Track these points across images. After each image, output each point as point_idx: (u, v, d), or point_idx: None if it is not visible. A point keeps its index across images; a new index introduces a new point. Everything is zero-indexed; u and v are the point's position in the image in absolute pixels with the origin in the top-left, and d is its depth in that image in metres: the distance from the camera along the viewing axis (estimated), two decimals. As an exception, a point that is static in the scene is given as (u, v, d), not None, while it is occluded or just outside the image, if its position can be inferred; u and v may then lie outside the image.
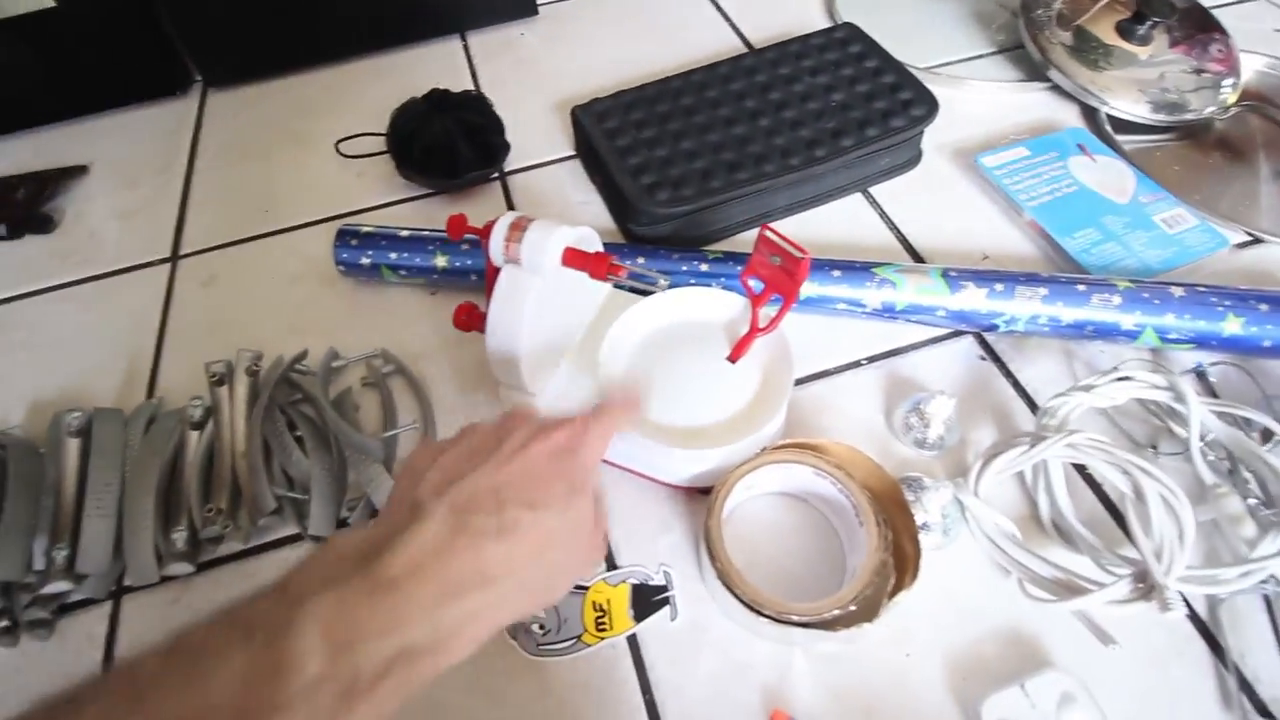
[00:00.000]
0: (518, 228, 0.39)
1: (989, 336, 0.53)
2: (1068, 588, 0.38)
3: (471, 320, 0.44)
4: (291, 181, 0.69)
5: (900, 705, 0.38)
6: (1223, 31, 0.69)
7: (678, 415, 0.42)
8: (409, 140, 0.62)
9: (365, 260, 0.56)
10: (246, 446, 0.47)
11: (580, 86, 0.71)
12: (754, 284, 0.45)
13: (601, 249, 0.45)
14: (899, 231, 0.60)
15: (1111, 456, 0.40)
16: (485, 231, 0.40)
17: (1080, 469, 0.46)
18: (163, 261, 0.63)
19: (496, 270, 0.41)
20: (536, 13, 0.84)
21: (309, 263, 0.61)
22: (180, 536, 0.44)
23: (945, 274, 0.50)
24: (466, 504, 0.28)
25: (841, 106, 0.61)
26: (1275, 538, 0.37)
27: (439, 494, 0.28)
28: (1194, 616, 0.40)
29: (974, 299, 0.49)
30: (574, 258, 0.39)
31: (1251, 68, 0.69)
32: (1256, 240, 0.57)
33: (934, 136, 0.65)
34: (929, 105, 0.60)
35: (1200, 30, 0.70)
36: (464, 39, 0.83)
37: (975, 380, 0.51)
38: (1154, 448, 0.46)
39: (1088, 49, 0.68)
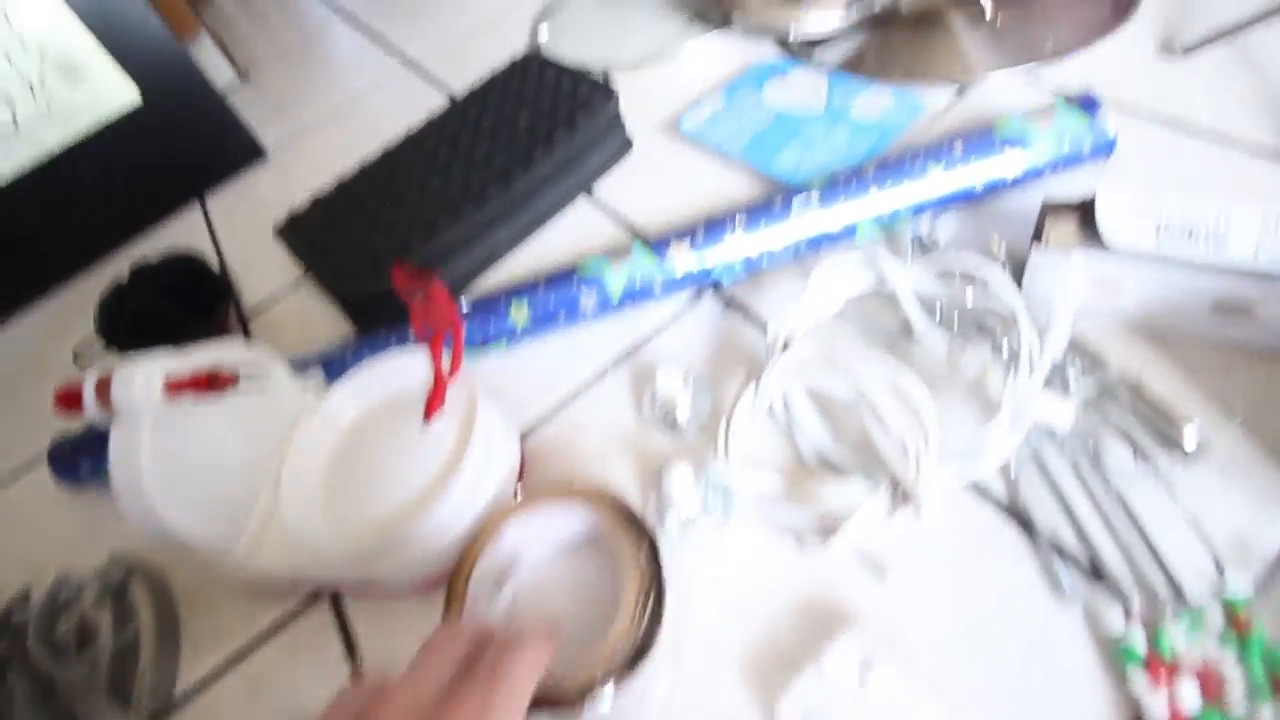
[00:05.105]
0: (106, 380, 0.35)
1: (727, 288, 0.49)
2: (832, 528, 0.33)
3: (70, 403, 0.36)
4: (26, 417, 0.64)
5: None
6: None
7: (372, 508, 0.37)
8: (115, 324, 0.59)
9: (85, 468, 0.51)
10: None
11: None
12: (429, 330, 0.41)
13: (257, 359, 0.41)
14: (624, 220, 0.57)
15: (827, 362, 0.36)
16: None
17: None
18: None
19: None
20: (264, 155, 0.83)
21: (41, 499, 0.56)
22: None
23: (647, 245, 0.47)
24: None
25: (528, 127, 0.59)
26: (1014, 381, 0.33)
27: None
28: (998, 502, 0.35)
29: (683, 257, 0.46)
30: (178, 386, 0.35)
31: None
32: (962, 92, 0.56)
33: (647, 118, 0.64)
34: (605, 93, 0.58)
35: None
36: (202, 202, 0.81)
37: (726, 336, 0.47)
38: (907, 334, 0.42)
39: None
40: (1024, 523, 0.34)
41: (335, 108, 0.87)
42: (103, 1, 0.67)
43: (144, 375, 0.34)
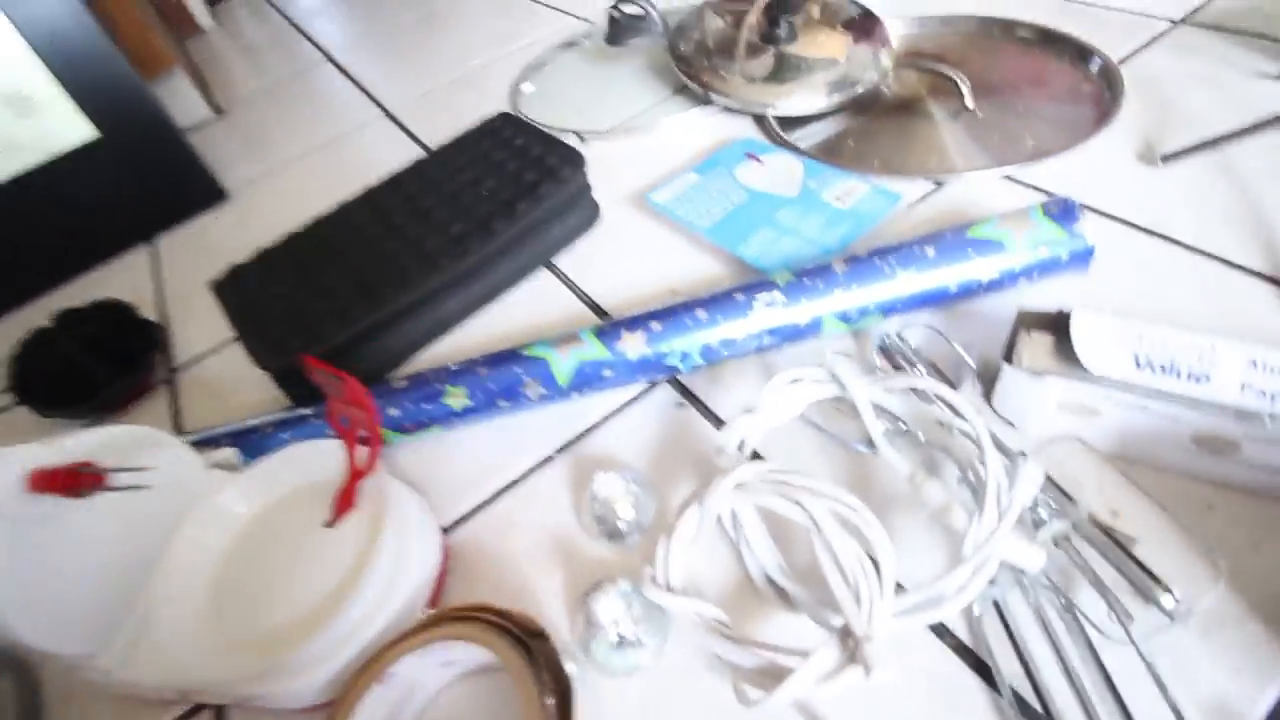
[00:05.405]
0: (-39, 467, 0.31)
1: (682, 378, 0.46)
2: (774, 675, 0.29)
3: None
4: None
5: None
6: (868, 13, 0.70)
7: (261, 620, 0.33)
8: (29, 376, 0.54)
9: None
10: None
11: (254, 255, 0.65)
12: (345, 422, 0.37)
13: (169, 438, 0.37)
14: (584, 295, 0.54)
15: (780, 486, 0.32)
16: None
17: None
18: None
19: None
20: (226, 197, 0.80)
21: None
22: None
23: (597, 331, 0.44)
24: None
25: (492, 193, 0.57)
26: (979, 522, 0.30)
27: None
28: (958, 645, 0.32)
29: (636, 347, 0.43)
30: (43, 482, 0.31)
31: (895, 33, 0.69)
32: (940, 185, 0.54)
33: (616, 189, 0.62)
34: (574, 163, 0.56)
35: (844, 17, 0.70)
36: (153, 244, 0.78)
37: (677, 433, 0.43)
38: (870, 445, 0.39)
39: (745, 65, 0.67)
40: (985, 673, 0.30)
41: (308, 151, 0.85)
42: (60, 34, 0.65)
43: (9, 464, 0.30)
